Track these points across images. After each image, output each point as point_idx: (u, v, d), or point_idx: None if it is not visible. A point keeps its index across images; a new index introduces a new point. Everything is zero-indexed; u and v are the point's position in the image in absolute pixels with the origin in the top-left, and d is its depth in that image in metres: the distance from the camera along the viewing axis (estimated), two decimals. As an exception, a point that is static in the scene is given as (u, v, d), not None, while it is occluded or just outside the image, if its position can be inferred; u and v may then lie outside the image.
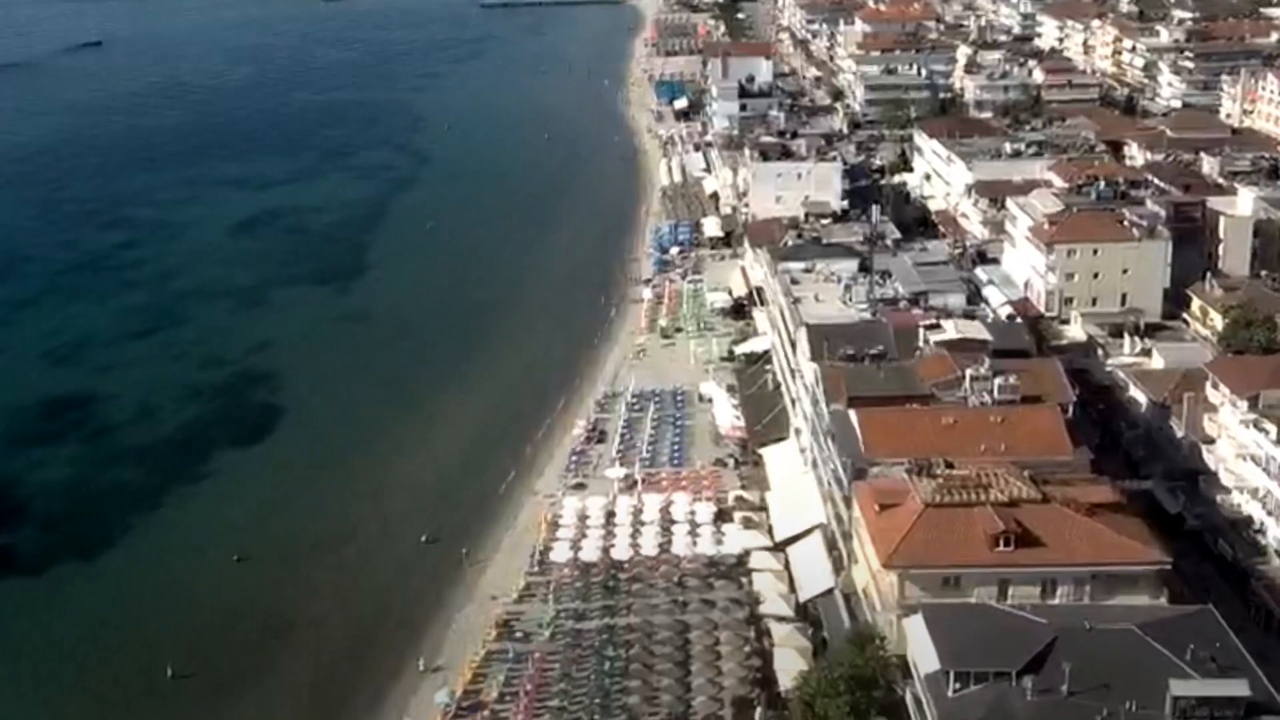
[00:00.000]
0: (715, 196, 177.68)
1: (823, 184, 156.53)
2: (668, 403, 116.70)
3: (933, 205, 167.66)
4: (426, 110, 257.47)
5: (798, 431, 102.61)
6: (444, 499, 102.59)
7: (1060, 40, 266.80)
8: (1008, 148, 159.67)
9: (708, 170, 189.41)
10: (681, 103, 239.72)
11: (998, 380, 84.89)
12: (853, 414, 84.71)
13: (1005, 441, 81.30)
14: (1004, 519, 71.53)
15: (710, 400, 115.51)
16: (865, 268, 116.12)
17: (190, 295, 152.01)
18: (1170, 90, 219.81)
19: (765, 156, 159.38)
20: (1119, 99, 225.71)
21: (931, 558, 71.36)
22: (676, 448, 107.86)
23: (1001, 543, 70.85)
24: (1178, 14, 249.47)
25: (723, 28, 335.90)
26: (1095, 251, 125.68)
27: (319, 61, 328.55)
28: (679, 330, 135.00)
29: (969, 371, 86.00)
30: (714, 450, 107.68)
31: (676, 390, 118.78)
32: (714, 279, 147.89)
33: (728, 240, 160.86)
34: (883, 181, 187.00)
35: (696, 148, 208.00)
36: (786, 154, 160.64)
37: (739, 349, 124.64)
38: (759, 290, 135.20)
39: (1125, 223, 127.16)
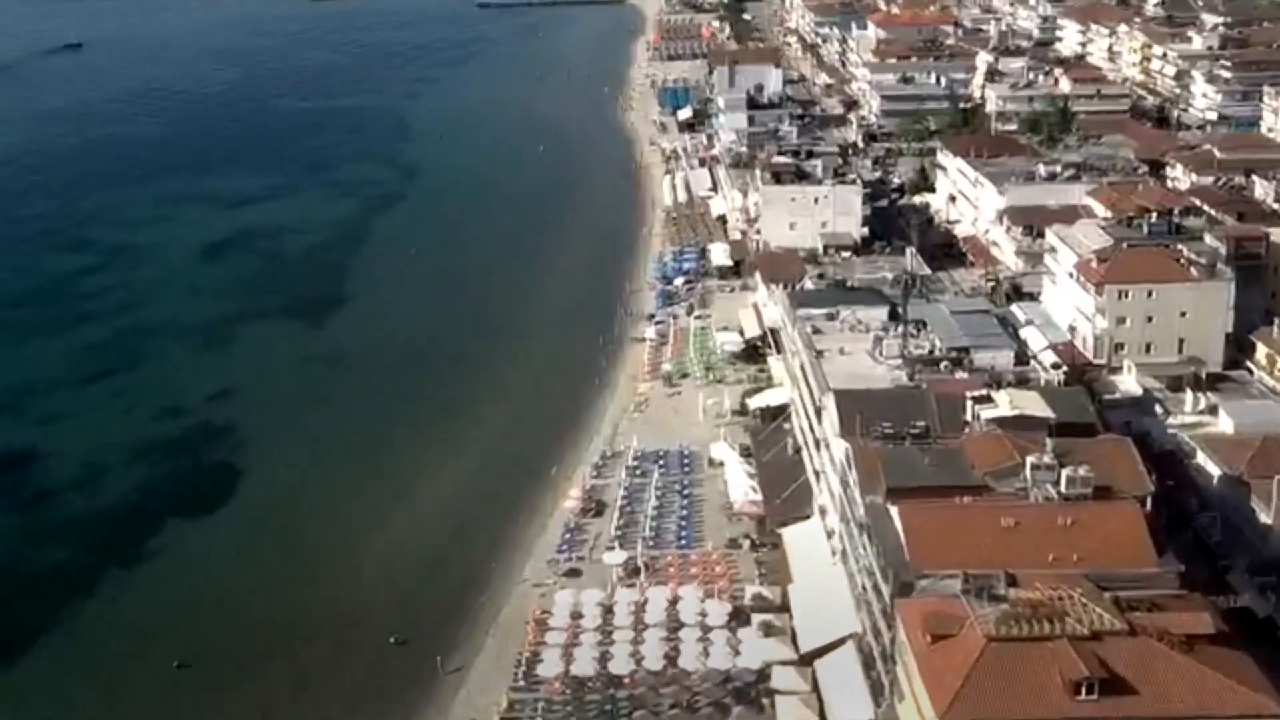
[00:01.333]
0: (723, 220, 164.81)
1: (841, 209, 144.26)
2: (674, 466, 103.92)
3: (959, 230, 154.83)
4: (416, 118, 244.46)
5: (823, 510, 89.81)
6: (420, 586, 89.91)
7: (1083, 45, 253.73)
8: (1041, 170, 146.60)
9: (714, 189, 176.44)
10: (686, 112, 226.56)
11: (1065, 471, 72.04)
12: (894, 510, 71.87)
13: (1077, 549, 68.38)
14: (1085, 659, 58.71)
15: (721, 464, 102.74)
16: (896, 315, 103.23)
17: (152, 330, 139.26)
18: (1205, 101, 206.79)
19: (778, 179, 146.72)
20: (1149, 109, 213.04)
21: (1000, 709, 58.35)
22: (684, 525, 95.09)
23: (1084, 690, 58.10)
24: (1209, 18, 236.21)
25: (728, 30, 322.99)
26: (1150, 293, 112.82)
27: (306, 64, 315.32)
28: (685, 376, 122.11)
29: (1030, 459, 73.16)
30: (726, 527, 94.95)
31: (683, 450, 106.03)
32: (723, 315, 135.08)
33: (737, 270, 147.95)
34: (902, 201, 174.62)
35: (702, 163, 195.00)
36: (801, 176, 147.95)
37: (753, 402, 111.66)
38: (773, 332, 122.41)
39: (1182, 260, 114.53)
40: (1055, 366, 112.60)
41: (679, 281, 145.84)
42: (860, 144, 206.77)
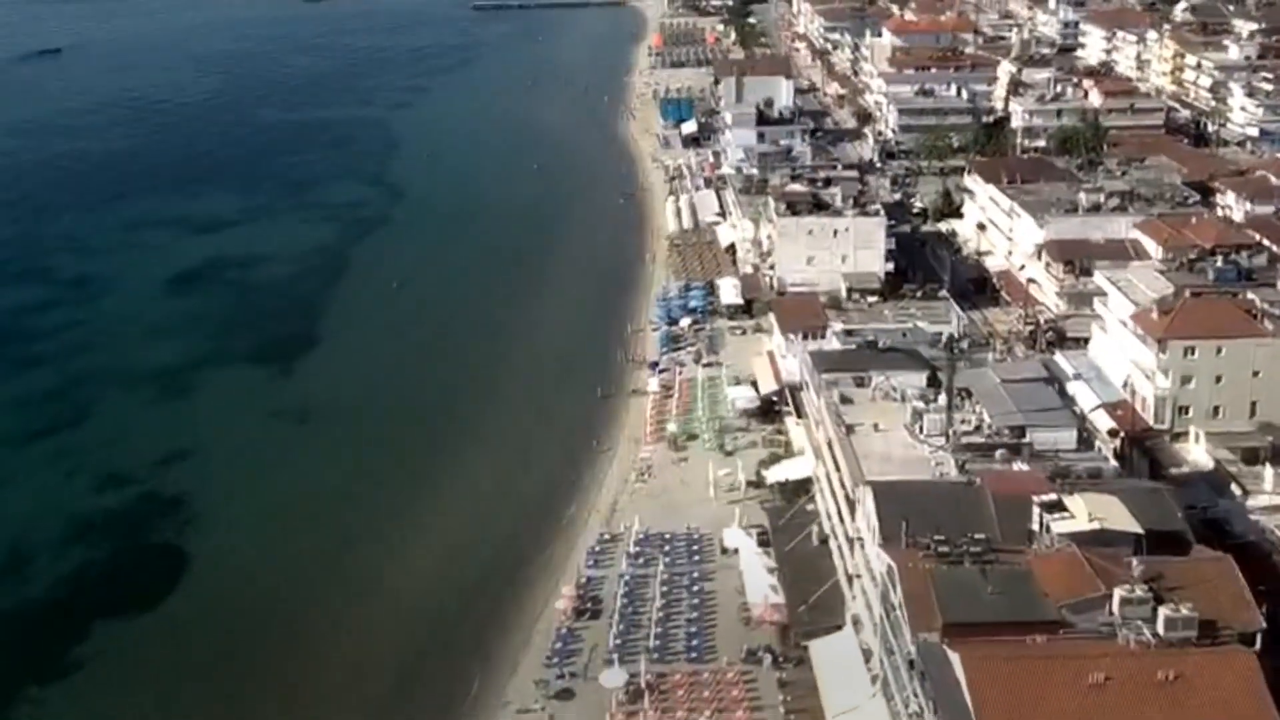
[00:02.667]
0: (732, 249, 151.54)
1: (863, 243, 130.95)
2: (682, 553, 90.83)
3: (991, 263, 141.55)
4: (405, 131, 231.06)
5: (857, 622, 76.76)
6: (383, 712, 76.80)
7: (1108, 53, 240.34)
8: (1084, 199, 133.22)
9: (722, 215, 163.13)
10: (690, 126, 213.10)
11: (1165, 610, 58.91)
12: (954, 656, 58.75)
13: (1182, 711, 55.63)
14: None
15: (736, 552, 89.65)
16: (936, 380, 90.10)
17: (104, 378, 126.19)
18: (1244, 116, 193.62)
19: (793, 209, 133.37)
20: (1184, 124, 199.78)
21: None
22: (694, 632, 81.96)
23: None
24: (1244, 25, 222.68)
25: (732, 35, 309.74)
26: (1219, 350, 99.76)
27: (292, 71, 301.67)
28: (692, 438, 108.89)
29: (1120, 592, 60.08)
30: (743, 634, 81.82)
31: (692, 534, 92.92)
32: (735, 363, 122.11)
33: (749, 309, 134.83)
34: (925, 227, 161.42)
35: (708, 183, 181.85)
36: (818, 205, 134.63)
37: (771, 474, 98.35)
38: (792, 390, 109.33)
39: (1254, 311, 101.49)
40: (1112, 433, 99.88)
41: (685, 322, 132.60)
42: (877, 161, 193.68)
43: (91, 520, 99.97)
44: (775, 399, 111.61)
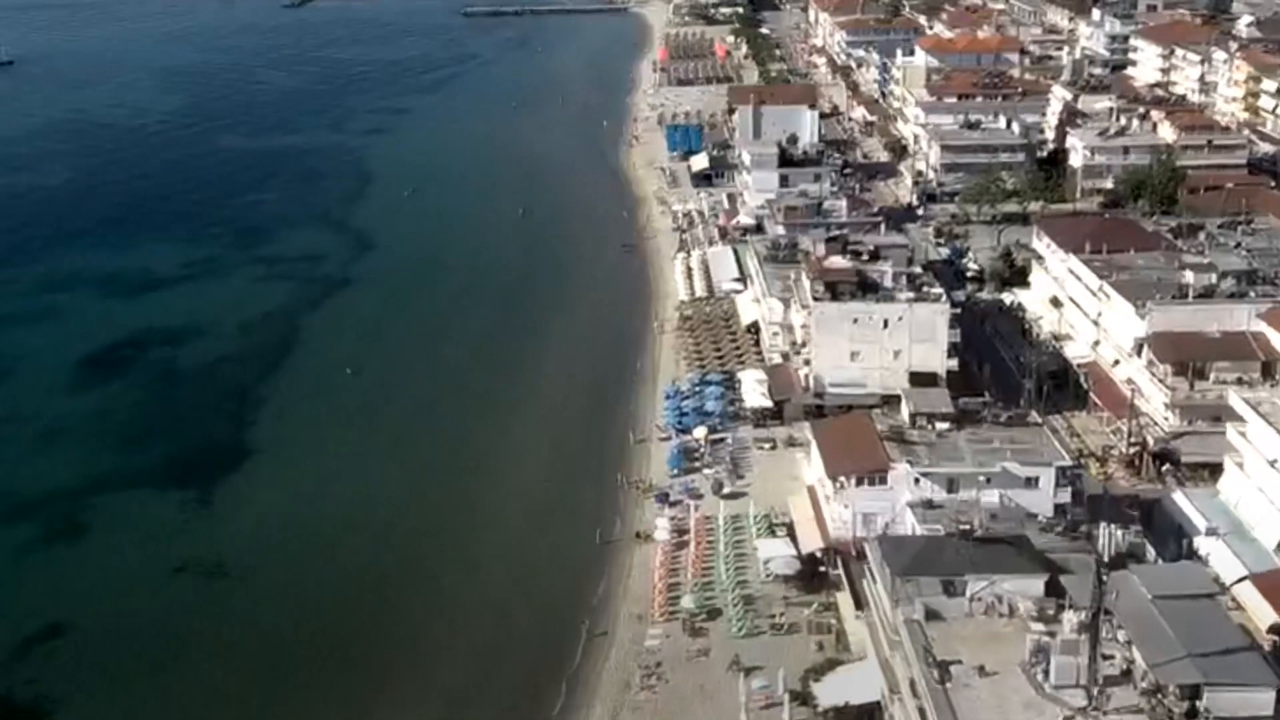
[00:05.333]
0: (755, 329, 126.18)
1: (921, 334, 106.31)
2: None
3: (1071, 352, 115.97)
4: (377, 165, 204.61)
5: None
6: None
7: (1164, 72, 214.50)
8: (1190, 278, 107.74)
9: (741, 279, 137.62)
10: (700, 161, 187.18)
11: None
12: None
13: None
14: None
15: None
16: (1058, 587, 64.91)
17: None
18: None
19: (834, 293, 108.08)
20: (1261, 160, 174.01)
21: None
22: None
23: None
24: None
25: (744, 47, 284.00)
26: None
27: (263, 89, 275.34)
28: (712, 615, 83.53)
29: None
30: None
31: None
32: (764, 494, 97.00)
33: (779, 413, 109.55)
34: (983, 294, 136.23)
35: (723, 234, 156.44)
36: (864, 286, 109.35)
37: (822, 693, 72.82)
38: (843, 553, 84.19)
39: None
40: (1274, 630, 74.54)
41: (700, 432, 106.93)
42: (916, 203, 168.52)
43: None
44: (821, 559, 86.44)
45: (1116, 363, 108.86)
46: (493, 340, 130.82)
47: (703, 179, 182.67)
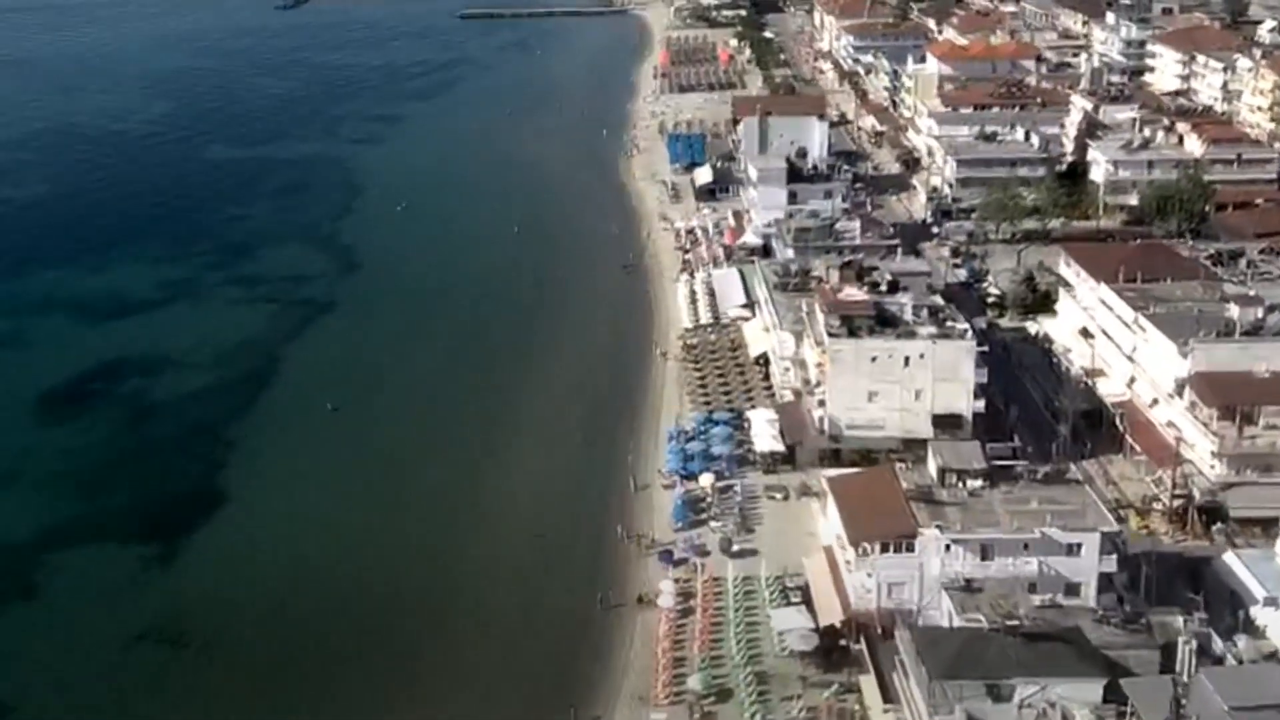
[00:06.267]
0: (764, 360, 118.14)
1: (944, 374, 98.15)
2: None
3: (1105, 389, 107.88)
4: (368, 176, 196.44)
5: None
6: None
7: (1184, 79, 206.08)
8: (1236, 313, 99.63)
9: (749, 305, 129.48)
10: (704, 174, 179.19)
11: None
12: None
13: None
14: None
15: None
16: (1117, 694, 56.87)
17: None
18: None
19: (850, 328, 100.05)
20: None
21: None
22: None
23: None
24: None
25: (747, 51, 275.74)
26: None
27: (251, 95, 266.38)
28: (722, 696, 75.56)
29: None
30: None
31: None
32: (776, 552, 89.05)
33: (790, 458, 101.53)
34: (1004, 320, 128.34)
35: (728, 254, 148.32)
36: (883, 321, 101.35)
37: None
38: (862, 627, 76.28)
39: None
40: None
41: (706, 479, 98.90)
42: (930, 220, 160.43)
43: None
44: (843, 631, 78.43)
45: (1155, 403, 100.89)
46: (485, 372, 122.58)
47: (707, 193, 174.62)
